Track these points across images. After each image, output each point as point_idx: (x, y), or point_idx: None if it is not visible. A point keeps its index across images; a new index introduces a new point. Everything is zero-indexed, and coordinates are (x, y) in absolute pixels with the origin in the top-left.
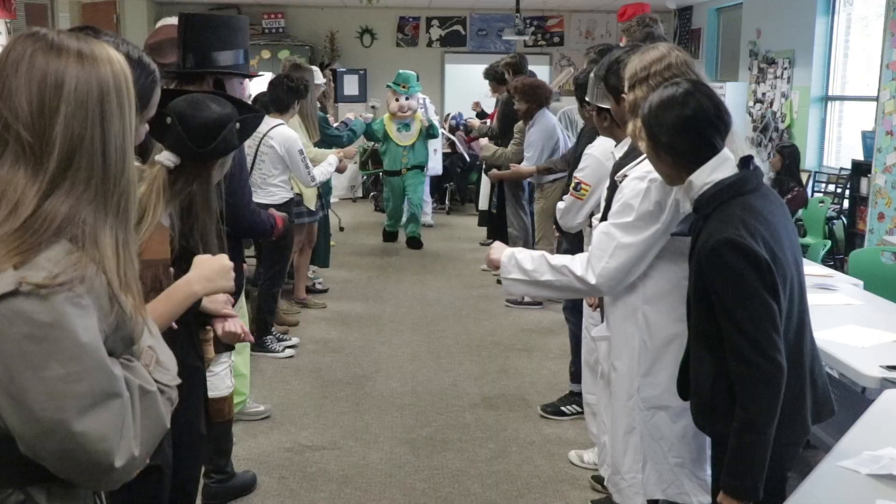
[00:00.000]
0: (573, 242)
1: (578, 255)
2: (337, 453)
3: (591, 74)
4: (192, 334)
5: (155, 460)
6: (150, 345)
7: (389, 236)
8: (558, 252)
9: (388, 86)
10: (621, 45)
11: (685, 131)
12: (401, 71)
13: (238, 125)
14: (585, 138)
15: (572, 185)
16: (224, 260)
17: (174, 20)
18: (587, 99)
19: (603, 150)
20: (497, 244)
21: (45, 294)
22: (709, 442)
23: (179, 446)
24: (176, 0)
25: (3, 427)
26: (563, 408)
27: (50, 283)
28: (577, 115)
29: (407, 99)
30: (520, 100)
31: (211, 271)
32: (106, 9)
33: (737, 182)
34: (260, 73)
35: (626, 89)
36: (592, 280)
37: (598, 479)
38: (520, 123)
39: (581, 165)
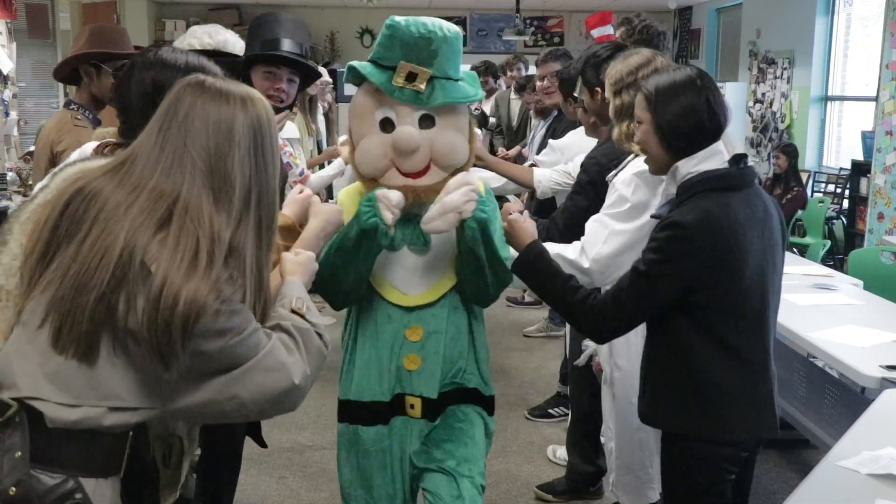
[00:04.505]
0: None
1: (571, 244)
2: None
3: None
4: None
5: (183, 492)
6: (300, 296)
7: None
8: None
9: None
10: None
11: (689, 117)
12: None
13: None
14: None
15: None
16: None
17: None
18: (575, 94)
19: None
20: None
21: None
22: None
23: (224, 456)
24: (176, 0)
25: (104, 422)
26: (550, 410)
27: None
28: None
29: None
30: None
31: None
32: (106, 9)
33: (721, 177)
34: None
35: (610, 94)
36: (586, 264)
37: (544, 488)
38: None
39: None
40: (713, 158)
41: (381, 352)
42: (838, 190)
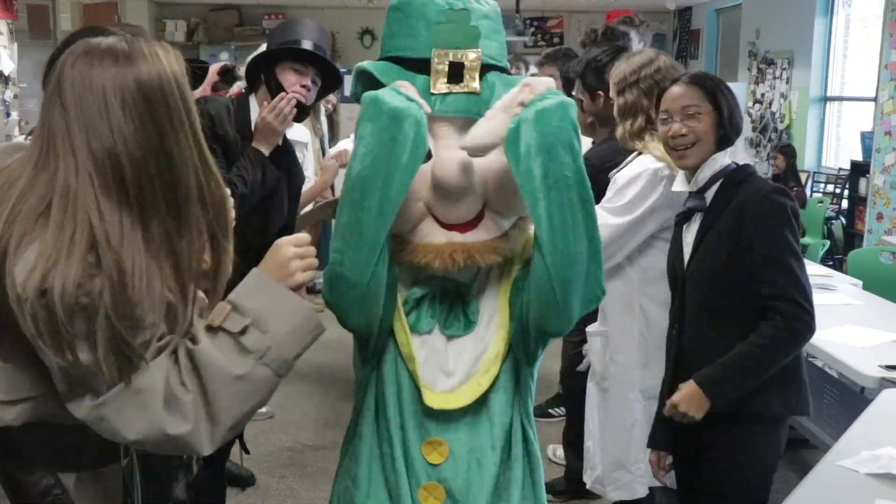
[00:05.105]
0: None
1: None
2: (338, 452)
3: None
4: None
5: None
6: (232, 299)
7: None
8: None
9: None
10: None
11: (738, 110)
12: None
13: None
14: None
15: None
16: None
17: None
18: (573, 93)
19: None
20: None
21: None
22: None
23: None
24: (176, 1)
25: (44, 414)
26: (550, 409)
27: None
28: None
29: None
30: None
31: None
32: (107, 9)
33: (751, 165)
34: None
35: (614, 94)
36: None
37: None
38: None
39: None
40: (729, 156)
41: (389, 473)
42: (837, 190)
